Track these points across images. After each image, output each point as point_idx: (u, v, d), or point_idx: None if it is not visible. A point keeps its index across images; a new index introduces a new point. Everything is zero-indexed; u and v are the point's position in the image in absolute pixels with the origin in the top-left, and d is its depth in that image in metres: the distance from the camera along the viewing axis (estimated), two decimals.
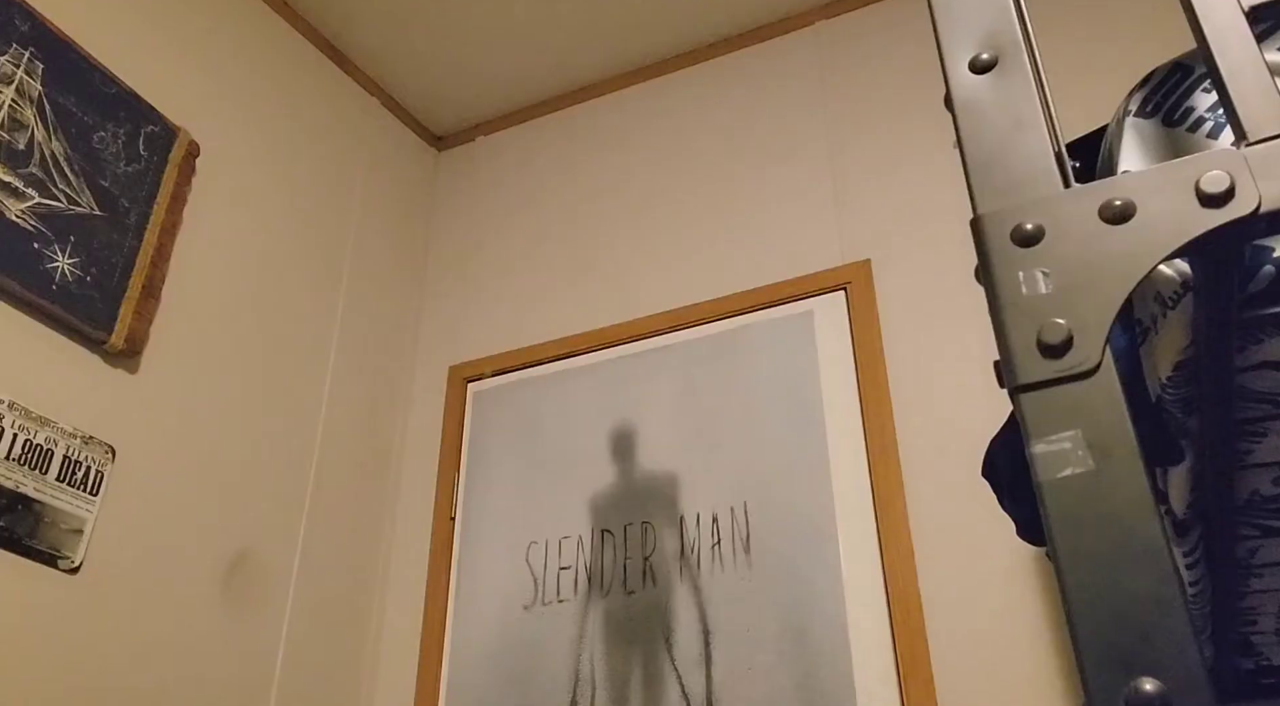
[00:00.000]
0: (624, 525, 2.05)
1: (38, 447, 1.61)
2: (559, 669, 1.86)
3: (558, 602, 2.05)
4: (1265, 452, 0.77)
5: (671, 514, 2.00)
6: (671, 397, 2.08)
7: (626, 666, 1.85)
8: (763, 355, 2.07)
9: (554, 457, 2.14)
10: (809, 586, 1.82)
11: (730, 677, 1.81)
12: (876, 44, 2.37)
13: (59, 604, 1.60)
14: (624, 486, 2.06)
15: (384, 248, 2.60)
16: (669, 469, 2.03)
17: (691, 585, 1.91)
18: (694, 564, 1.95)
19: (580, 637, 1.86)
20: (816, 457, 1.94)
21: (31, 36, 1.77)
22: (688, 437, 2.03)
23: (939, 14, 0.63)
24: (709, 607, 1.88)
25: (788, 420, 1.98)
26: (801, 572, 1.84)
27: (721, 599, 1.90)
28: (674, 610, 1.91)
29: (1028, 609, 1.69)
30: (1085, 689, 0.44)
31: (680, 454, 2.04)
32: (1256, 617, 1.04)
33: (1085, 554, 0.46)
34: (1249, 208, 0.49)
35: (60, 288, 1.70)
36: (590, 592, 1.92)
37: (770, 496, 1.93)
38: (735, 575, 1.92)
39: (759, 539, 1.92)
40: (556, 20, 2.55)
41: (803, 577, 1.83)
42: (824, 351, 2.06)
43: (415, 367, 2.57)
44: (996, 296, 0.53)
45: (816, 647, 1.78)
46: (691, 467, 2.03)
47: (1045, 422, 0.49)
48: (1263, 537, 0.88)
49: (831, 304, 2.10)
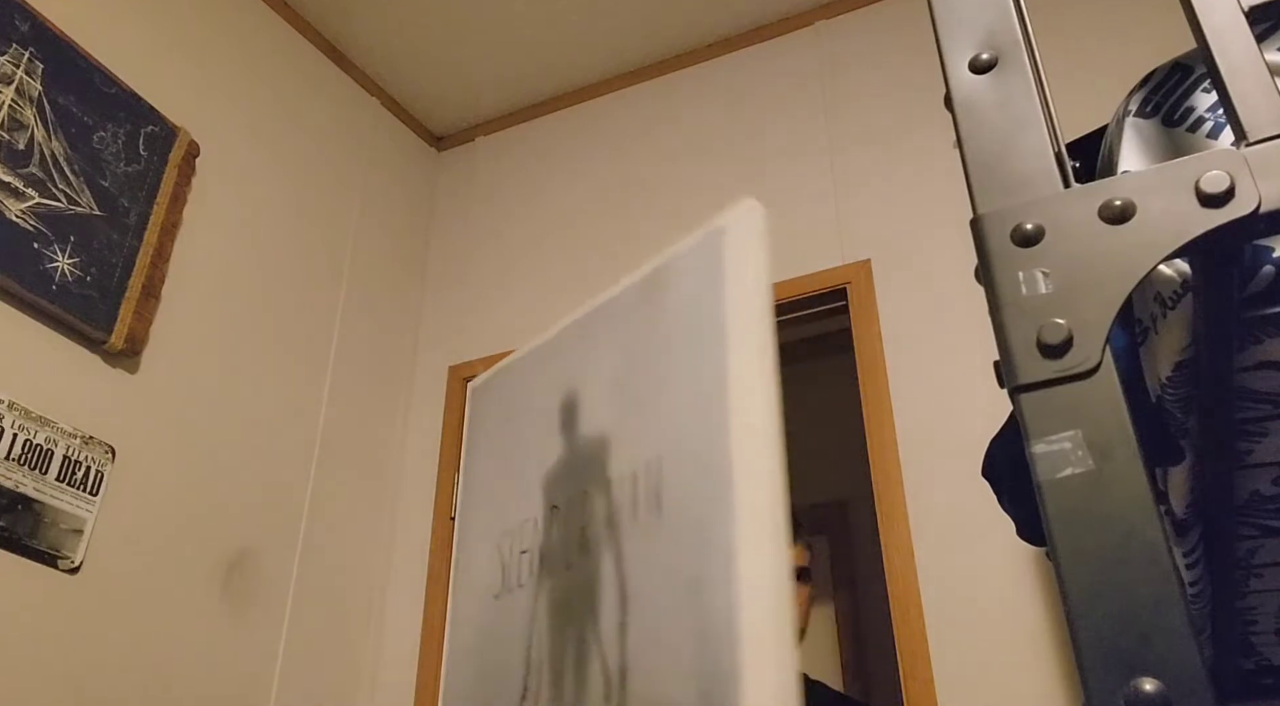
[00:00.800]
0: (568, 498, 1.93)
1: (38, 448, 1.61)
2: (515, 657, 1.82)
3: (518, 588, 1.94)
4: (1265, 452, 0.77)
5: (603, 479, 1.89)
6: (610, 358, 1.97)
7: (563, 645, 1.78)
8: (678, 289, 1.93)
9: (529, 446, 2.10)
10: (706, 539, 1.74)
11: (641, 643, 1.73)
12: (876, 44, 2.37)
13: (59, 603, 1.60)
14: (568, 458, 1.98)
15: (384, 248, 2.60)
16: (602, 431, 1.89)
17: (615, 551, 1.83)
18: (618, 528, 1.85)
19: (531, 621, 1.81)
20: (718, 394, 1.80)
21: (32, 36, 1.77)
22: (619, 394, 1.90)
23: (939, 14, 0.63)
24: (627, 572, 1.78)
25: (694, 359, 1.86)
26: (704, 526, 1.75)
27: (637, 562, 1.79)
28: (601, 580, 1.82)
29: (1028, 609, 1.69)
30: (1085, 689, 0.44)
31: (612, 414, 1.90)
32: (1256, 617, 1.04)
33: (1085, 554, 0.46)
34: (1249, 207, 0.49)
35: (60, 288, 1.70)
36: (540, 573, 1.82)
37: (679, 449, 1.80)
38: (647, 535, 1.80)
39: (669, 496, 1.79)
40: (556, 20, 2.55)
41: (702, 531, 1.75)
42: (731, 270, 1.88)
43: (415, 367, 2.57)
44: (996, 296, 0.53)
45: (709, 603, 1.67)
46: (620, 427, 1.90)
47: (1045, 423, 0.49)
48: (1262, 537, 0.88)
49: (749, 215, 1.92)
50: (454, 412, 2.41)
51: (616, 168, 2.58)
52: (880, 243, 2.13)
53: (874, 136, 2.27)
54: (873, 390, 1.95)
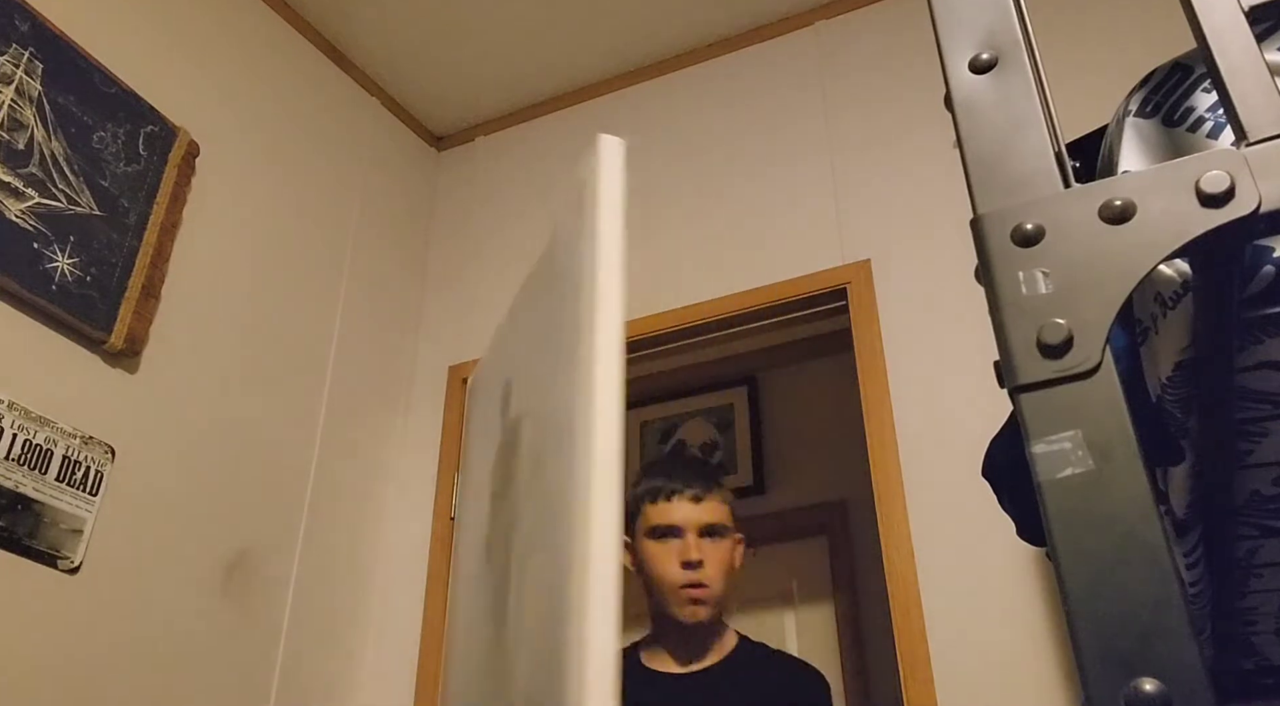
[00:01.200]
0: (502, 482, 1.73)
1: (37, 448, 1.61)
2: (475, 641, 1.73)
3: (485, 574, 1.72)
4: (1265, 452, 0.77)
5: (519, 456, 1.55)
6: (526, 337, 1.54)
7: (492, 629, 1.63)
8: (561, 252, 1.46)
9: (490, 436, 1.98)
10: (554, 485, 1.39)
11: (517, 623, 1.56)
12: (876, 44, 2.37)
13: (59, 604, 1.60)
14: (502, 443, 1.77)
15: (384, 248, 2.60)
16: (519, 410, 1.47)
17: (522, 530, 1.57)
18: (520, 502, 1.62)
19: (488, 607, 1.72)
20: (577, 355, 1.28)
21: (31, 36, 1.77)
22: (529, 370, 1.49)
23: (939, 14, 0.63)
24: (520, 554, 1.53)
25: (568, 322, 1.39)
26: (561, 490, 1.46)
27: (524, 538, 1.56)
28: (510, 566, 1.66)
29: (1028, 609, 1.69)
30: (1085, 689, 0.44)
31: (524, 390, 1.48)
32: (1256, 618, 1.04)
33: (1085, 554, 0.46)
34: (1249, 207, 0.49)
35: (60, 288, 1.70)
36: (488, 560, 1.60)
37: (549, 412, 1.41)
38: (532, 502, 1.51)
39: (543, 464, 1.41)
40: (556, 20, 2.55)
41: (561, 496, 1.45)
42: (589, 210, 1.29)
43: (415, 367, 2.57)
44: (996, 296, 0.53)
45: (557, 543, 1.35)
46: (528, 401, 1.52)
47: (1045, 423, 0.49)
48: (1262, 537, 0.88)
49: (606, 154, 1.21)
50: (454, 412, 2.41)
51: None
52: (880, 243, 2.13)
53: (874, 136, 2.27)
54: (873, 390, 1.95)
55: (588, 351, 1.37)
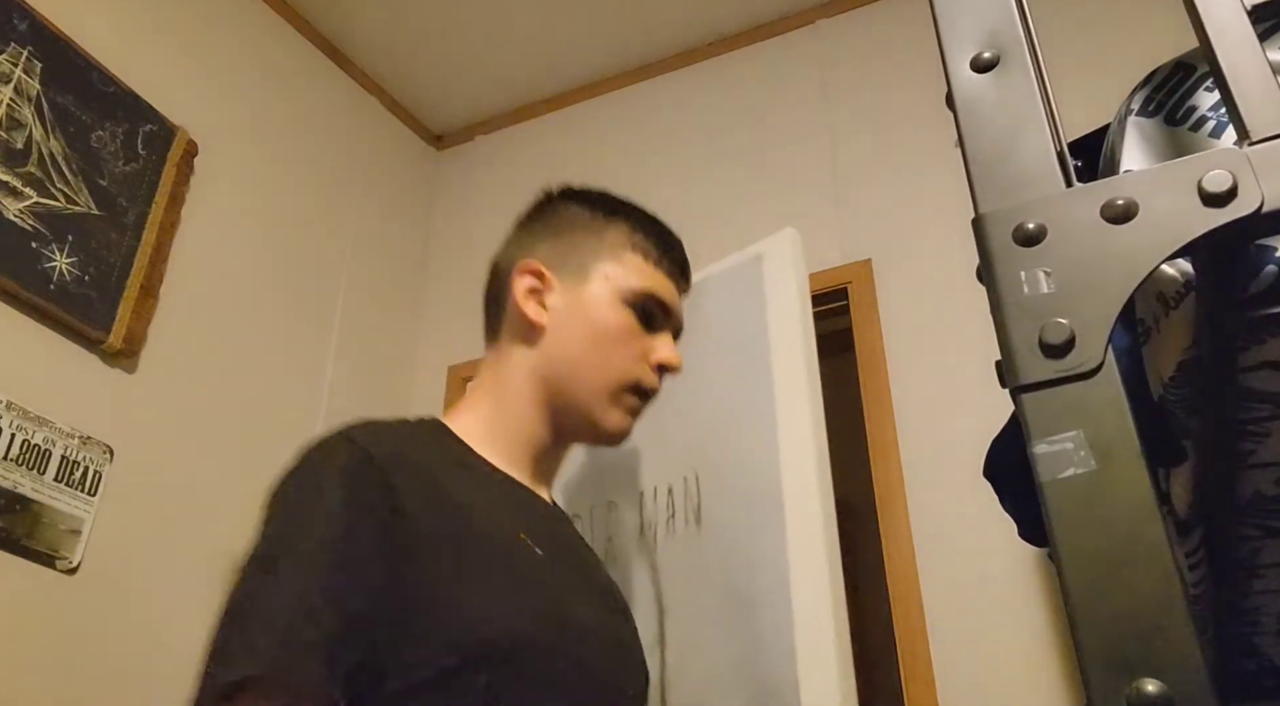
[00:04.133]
0: (590, 507, 1.92)
1: (35, 448, 1.61)
2: None
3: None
4: (1267, 453, 0.77)
5: (633, 490, 1.86)
6: None
7: None
8: (712, 309, 1.84)
9: None
10: (755, 556, 1.68)
11: (682, 657, 1.72)
12: (877, 42, 2.37)
13: (57, 604, 1.60)
14: (591, 466, 1.95)
15: (383, 247, 2.60)
16: (632, 442, 1.78)
17: (649, 563, 1.82)
18: (651, 540, 1.84)
19: None
20: (763, 415, 1.71)
21: (30, 35, 1.76)
22: (651, 406, 1.77)
23: (940, 12, 0.63)
24: (664, 585, 1.77)
25: (736, 377, 1.76)
26: (747, 542, 1.70)
27: (675, 576, 1.78)
28: (634, 591, 1.80)
29: (1029, 610, 1.68)
30: (1087, 690, 0.44)
31: (642, 425, 1.78)
32: (1259, 618, 1.03)
33: (1087, 554, 0.46)
34: (1251, 207, 0.49)
35: (58, 287, 1.70)
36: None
37: (720, 464, 1.72)
38: (688, 549, 1.78)
39: (710, 509, 1.75)
40: (556, 20, 2.55)
41: (749, 547, 1.70)
42: (773, 296, 1.78)
43: (415, 367, 2.57)
44: (998, 296, 0.53)
45: (759, 620, 1.66)
46: (652, 439, 1.82)
47: (1047, 423, 0.49)
48: (1265, 538, 0.88)
49: (783, 242, 1.83)
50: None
51: (616, 167, 2.58)
52: (881, 242, 2.13)
53: (875, 136, 2.27)
54: (873, 390, 1.95)
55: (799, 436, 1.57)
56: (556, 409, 1.05)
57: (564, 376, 1.05)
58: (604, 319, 1.06)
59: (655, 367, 1.07)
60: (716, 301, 1.79)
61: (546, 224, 1.17)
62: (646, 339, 1.08)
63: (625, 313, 1.06)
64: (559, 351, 1.05)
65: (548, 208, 1.19)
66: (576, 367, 1.04)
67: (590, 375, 1.04)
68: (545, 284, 1.08)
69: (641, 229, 1.13)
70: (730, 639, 1.62)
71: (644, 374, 1.07)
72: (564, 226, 1.15)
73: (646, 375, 1.07)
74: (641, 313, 1.08)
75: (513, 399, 1.06)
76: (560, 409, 1.05)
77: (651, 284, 1.09)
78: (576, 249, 1.11)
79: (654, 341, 1.09)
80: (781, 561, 1.55)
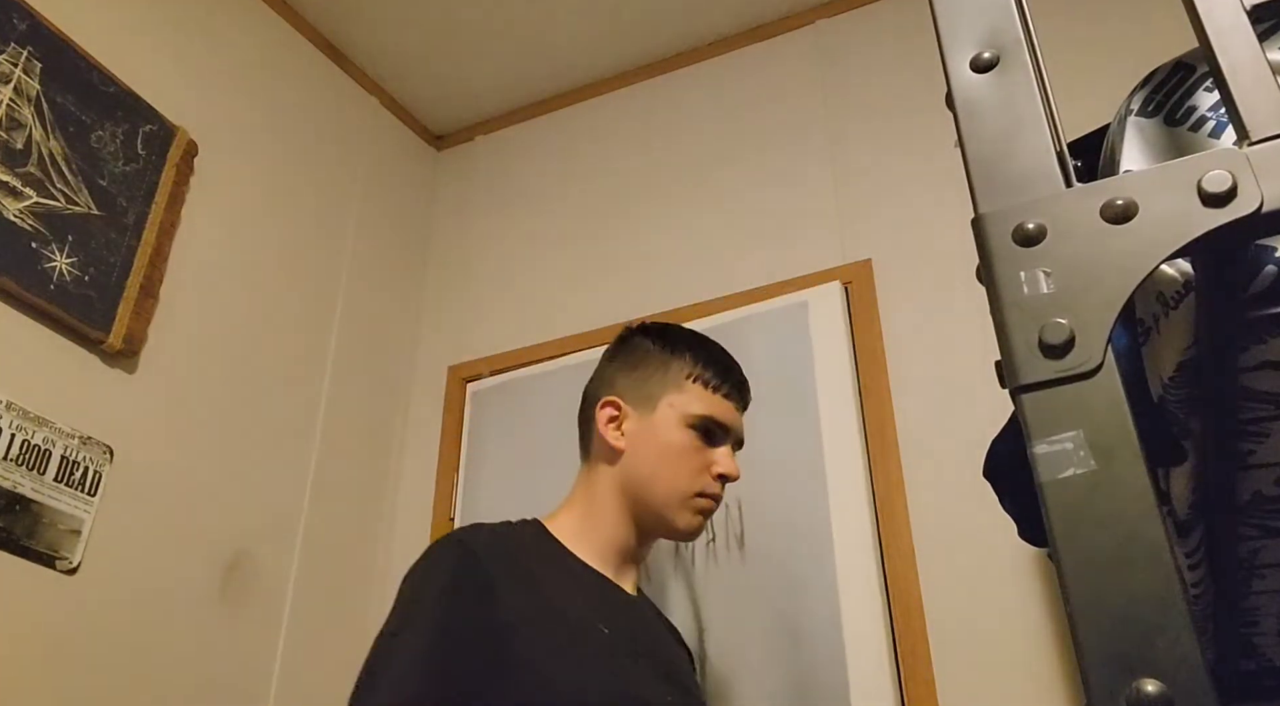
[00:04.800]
0: None
1: (35, 448, 1.61)
2: None
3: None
4: (1267, 453, 0.77)
5: None
6: None
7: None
8: (757, 348, 2.03)
9: (553, 457, 2.13)
10: (802, 583, 1.80)
11: (725, 676, 1.80)
12: (877, 42, 2.37)
13: (57, 604, 1.60)
14: None
15: (383, 247, 2.60)
16: None
17: (686, 582, 1.90)
18: (688, 561, 1.94)
19: None
20: (810, 452, 1.91)
21: (29, 35, 1.76)
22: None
23: (940, 12, 0.63)
24: (703, 604, 1.87)
25: (782, 415, 1.95)
26: (795, 570, 1.82)
27: (715, 596, 1.88)
28: (670, 608, 1.89)
29: (1029, 609, 1.68)
30: (1087, 690, 0.44)
31: None
32: (1258, 618, 1.04)
33: (1087, 554, 0.46)
34: (1251, 207, 0.49)
35: (58, 287, 1.70)
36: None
37: (765, 493, 1.90)
38: (730, 572, 1.89)
39: (753, 536, 1.90)
40: (556, 20, 2.55)
41: (796, 575, 1.82)
42: (818, 343, 2.02)
43: (415, 367, 2.57)
44: (998, 296, 0.53)
45: (811, 646, 1.76)
46: None
47: (1046, 423, 0.49)
48: (1264, 538, 0.88)
49: (826, 294, 2.07)
50: (454, 413, 2.41)
51: (617, 167, 2.58)
52: (881, 242, 2.13)
53: (874, 135, 2.27)
54: (873, 390, 1.95)
55: (845, 475, 1.87)
56: (638, 515, 1.28)
57: (642, 488, 1.28)
58: (670, 440, 1.28)
59: (717, 477, 1.29)
60: (762, 340, 1.96)
61: (625, 360, 1.37)
62: (708, 453, 1.30)
63: (688, 433, 1.29)
64: (635, 469, 1.29)
65: (625, 344, 1.40)
66: (651, 481, 1.27)
67: (663, 487, 1.27)
68: (622, 414, 1.32)
69: (701, 360, 1.34)
70: (779, 663, 1.68)
71: (707, 484, 1.29)
72: (637, 362, 1.36)
73: (709, 485, 1.29)
74: (703, 432, 1.30)
75: (600, 507, 1.29)
76: (641, 515, 1.28)
77: (709, 408, 1.31)
78: (647, 382, 1.33)
79: (715, 454, 1.30)
80: (832, 595, 1.68)
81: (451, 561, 1.13)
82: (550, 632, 1.09)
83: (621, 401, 1.32)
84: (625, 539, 1.28)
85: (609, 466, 1.30)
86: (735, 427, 1.34)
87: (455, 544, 1.16)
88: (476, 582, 1.08)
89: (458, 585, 1.08)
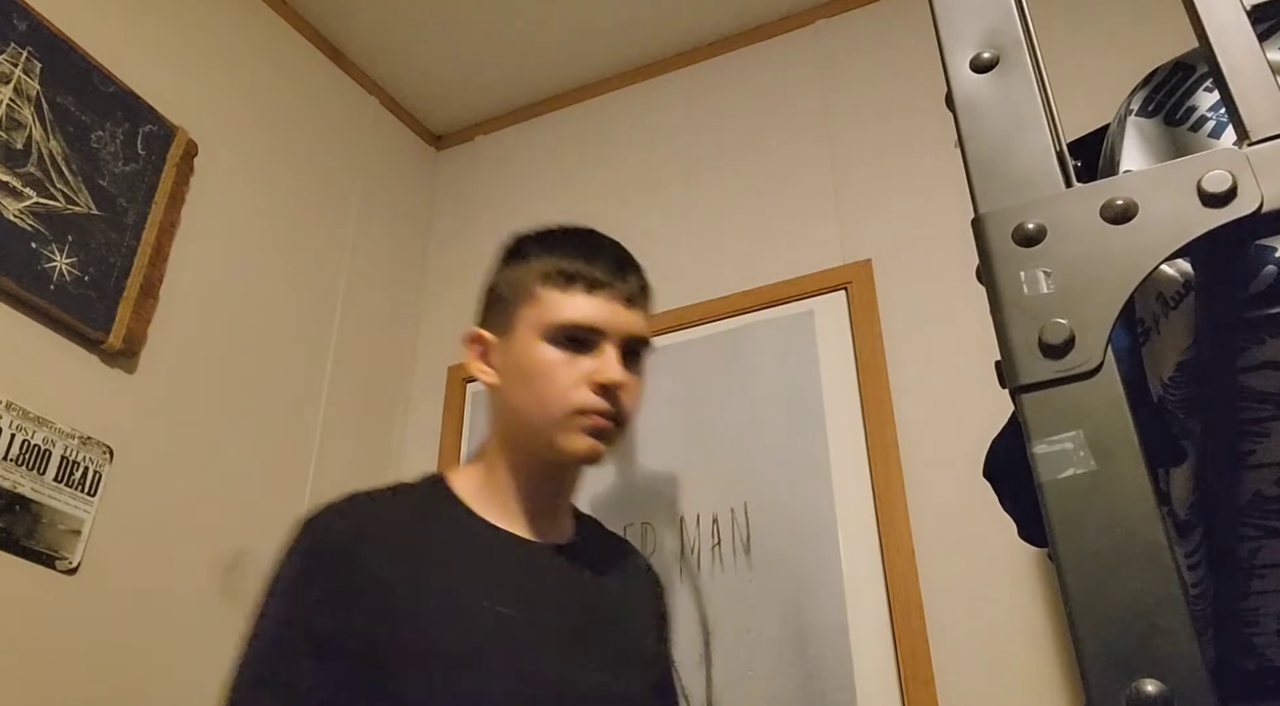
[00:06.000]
0: (624, 526, 2.04)
1: (35, 448, 1.61)
2: None
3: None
4: (1267, 453, 0.77)
5: (671, 514, 1.99)
6: (671, 397, 2.07)
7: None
8: (763, 355, 2.05)
9: None
10: (809, 588, 1.81)
11: (730, 679, 1.81)
12: (877, 43, 2.37)
13: (57, 604, 1.59)
14: (623, 486, 2.05)
15: (383, 247, 2.60)
16: (669, 469, 2.01)
17: (692, 586, 1.90)
18: (694, 565, 1.94)
19: None
20: (817, 459, 1.92)
21: (29, 35, 1.76)
22: (688, 437, 2.03)
23: (940, 13, 0.63)
24: (709, 609, 1.88)
25: (788, 421, 1.97)
26: (801, 574, 1.83)
27: (721, 600, 1.89)
28: (674, 611, 1.90)
29: (1029, 610, 1.68)
30: (1086, 690, 0.44)
31: (680, 453, 2.03)
32: (1258, 619, 1.04)
33: (1087, 554, 0.46)
34: (1251, 207, 0.49)
35: (58, 287, 1.70)
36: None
37: (771, 498, 1.91)
38: (735, 576, 1.91)
39: (759, 540, 1.91)
40: (556, 20, 2.55)
41: (803, 579, 1.82)
42: (825, 352, 2.04)
43: (415, 367, 2.57)
44: (998, 296, 0.53)
45: (817, 650, 1.77)
46: (691, 467, 2.02)
47: (1046, 423, 0.49)
48: (1264, 538, 0.88)
49: (832, 304, 2.09)
50: (454, 413, 2.41)
51: (617, 167, 2.58)
52: (881, 242, 2.13)
53: (875, 135, 2.27)
54: (873, 390, 1.95)
55: (851, 480, 1.88)
56: (526, 453, 1.12)
57: (518, 423, 1.11)
58: (531, 359, 1.09)
59: (597, 389, 1.07)
60: (766, 346, 1.97)
61: (485, 289, 1.21)
62: (581, 362, 1.09)
63: (546, 348, 1.09)
64: (508, 403, 1.12)
65: (489, 273, 1.24)
66: (525, 410, 1.10)
67: (536, 412, 1.08)
68: (487, 345, 1.15)
69: (550, 260, 1.14)
70: (786, 665, 1.69)
71: (583, 398, 1.08)
72: (495, 283, 1.20)
73: (586, 398, 1.08)
74: (567, 342, 1.09)
75: (494, 454, 1.14)
76: (528, 451, 1.12)
77: (567, 313, 1.10)
78: (502, 303, 1.16)
79: (591, 362, 1.09)
80: (839, 599, 1.69)
81: (297, 560, 1.07)
82: (426, 631, 0.97)
83: (484, 332, 1.16)
84: (529, 483, 1.11)
85: (493, 407, 1.16)
86: (610, 326, 1.10)
87: (306, 534, 1.08)
88: (324, 585, 1.01)
89: (297, 594, 1.04)
